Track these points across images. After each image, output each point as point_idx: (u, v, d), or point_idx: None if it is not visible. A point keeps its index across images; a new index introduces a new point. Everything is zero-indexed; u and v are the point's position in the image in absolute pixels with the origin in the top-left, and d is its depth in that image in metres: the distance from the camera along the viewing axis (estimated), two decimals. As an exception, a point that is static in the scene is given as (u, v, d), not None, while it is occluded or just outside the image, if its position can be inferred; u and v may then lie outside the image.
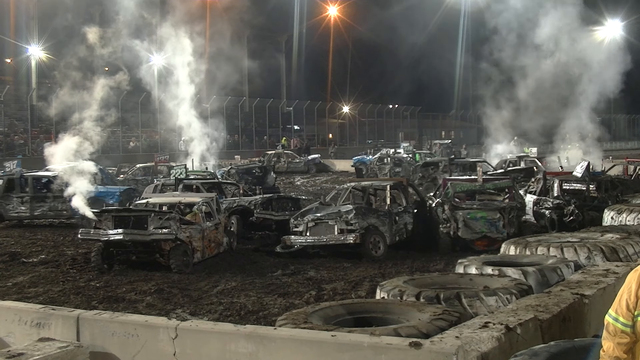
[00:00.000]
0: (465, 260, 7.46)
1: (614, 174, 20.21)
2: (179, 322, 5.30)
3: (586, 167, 16.20)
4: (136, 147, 43.11)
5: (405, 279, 6.76)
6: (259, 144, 50.51)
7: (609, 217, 11.81)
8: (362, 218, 12.88)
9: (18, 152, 37.80)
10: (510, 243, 8.46)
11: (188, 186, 17.40)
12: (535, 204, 15.33)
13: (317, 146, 51.53)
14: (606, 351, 3.46)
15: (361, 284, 10.53)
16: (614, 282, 6.18)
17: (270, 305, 9.39)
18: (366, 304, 6.06)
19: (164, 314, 8.29)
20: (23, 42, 44.09)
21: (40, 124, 42.12)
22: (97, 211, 12.48)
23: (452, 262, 9.39)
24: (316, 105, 54.58)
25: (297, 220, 13.22)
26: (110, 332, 5.39)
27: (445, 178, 16.44)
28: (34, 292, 10.42)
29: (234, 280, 11.09)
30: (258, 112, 52.11)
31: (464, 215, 13.19)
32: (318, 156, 39.45)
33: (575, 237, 8.68)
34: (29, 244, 15.07)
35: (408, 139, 51.85)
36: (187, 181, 18.31)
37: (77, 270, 12.09)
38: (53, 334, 5.54)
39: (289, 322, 5.28)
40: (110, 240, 11.71)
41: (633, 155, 35.25)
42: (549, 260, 7.20)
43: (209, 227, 12.83)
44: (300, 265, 12.19)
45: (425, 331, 4.89)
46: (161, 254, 11.90)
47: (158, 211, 12.40)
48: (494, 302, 5.74)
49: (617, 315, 3.44)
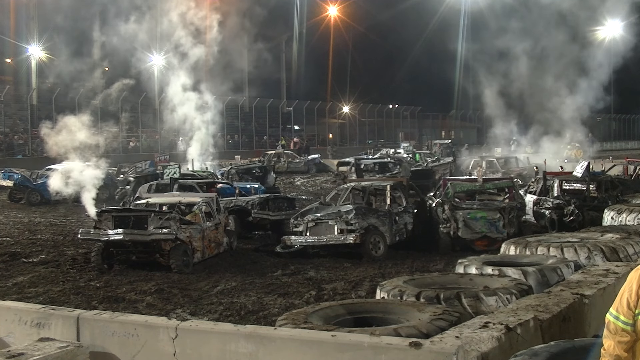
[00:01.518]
0: (465, 260, 7.46)
1: (614, 174, 20.19)
2: (179, 322, 5.30)
3: (586, 167, 16.20)
4: (136, 147, 43.09)
5: (405, 279, 6.76)
6: (259, 144, 50.49)
7: (609, 217, 11.80)
8: (362, 218, 12.88)
9: (18, 152, 37.80)
10: (510, 243, 8.46)
11: (183, 186, 17.46)
12: (535, 204, 15.33)
13: (317, 146, 51.53)
14: (607, 349, 3.49)
15: (361, 284, 10.54)
16: (614, 282, 6.18)
17: (270, 305, 9.39)
18: (366, 304, 6.06)
19: (164, 314, 8.29)
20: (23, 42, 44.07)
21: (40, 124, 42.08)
22: (97, 211, 12.48)
23: (452, 262, 9.39)
24: (316, 105, 54.56)
25: (297, 220, 13.22)
26: (110, 332, 5.39)
27: (445, 178, 16.45)
28: (34, 292, 10.42)
29: (234, 280, 11.10)
30: (258, 112, 52.09)
31: (464, 215, 13.19)
32: (318, 156, 39.42)
33: (575, 237, 8.67)
34: (29, 244, 15.06)
35: (408, 139, 51.88)
36: (182, 181, 18.38)
37: (77, 270, 12.09)
38: (53, 334, 5.54)
39: (289, 322, 5.27)
40: (110, 240, 11.71)
41: (633, 155, 35.23)
42: (549, 260, 7.19)
43: (209, 227, 12.83)
44: (300, 265, 12.19)
45: (425, 331, 4.88)
46: (161, 254, 11.90)
47: (158, 211, 12.40)
48: (494, 302, 5.74)
49: (618, 313, 3.46)
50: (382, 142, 52.33)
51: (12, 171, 23.56)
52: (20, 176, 22.94)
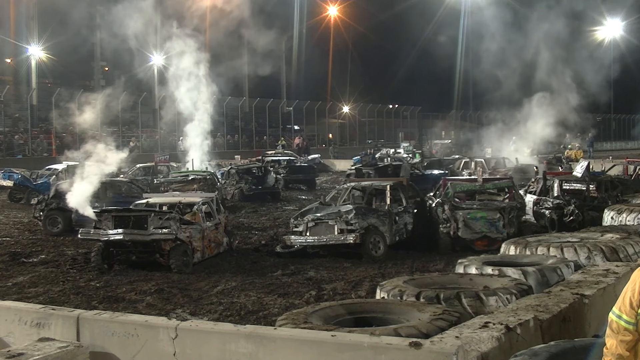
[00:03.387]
0: (465, 260, 7.46)
1: (614, 174, 20.19)
2: (179, 322, 5.30)
3: (586, 167, 16.19)
4: (136, 147, 43.07)
5: (405, 279, 6.75)
6: (259, 144, 50.45)
7: (609, 217, 11.79)
8: (362, 218, 12.88)
9: (18, 152, 37.79)
10: (510, 243, 8.45)
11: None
12: (535, 204, 15.33)
13: (317, 146, 51.50)
14: (609, 348, 3.50)
15: (361, 284, 10.53)
16: (614, 282, 6.18)
17: (270, 305, 9.39)
18: (366, 304, 6.06)
19: (164, 314, 8.29)
20: (23, 42, 44.06)
21: (40, 124, 42.11)
22: (97, 211, 12.48)
23: (452, 262, 9.39)
24: (316, 105, 54.51)
25: (297, 220, 13.21)
26: (110, 332, 5.39)
27: (445, 178, 16.44)
28: (34, 292, 10.43)
29: (234, 280, 11.09)
30: (258, 112, 52.06)
31: (464, 215, 13.18)
32: (318, 156, 39.42)
33: (575, 237, 8.67)
34: (29, 244, 15.06)
35: (408, 139, 51.84)
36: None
37: (77, 270, 12.09)
38: (53, 334, 5.54)
39: (289, 322, 5.27)
40: (110, 240, 11.71)
41: (633, 155, 35.22)
42: (549, 260, 7.19)
43: (209, 227, 12.83)
44: (300, 265, 12.19)
45: (425, 331, 4.88)
46: (161, 254, 11.89)
47: (158, 211, 12.40)
48: (494, 302, 5.74)
49: (620, 313, 3.48)
50: (382, 142, 52.30)
51: (12, 171, 23.54)
52: (20, 176, 22.93)
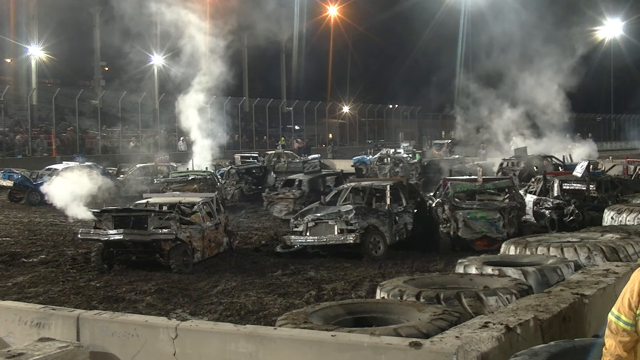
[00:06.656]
0: (465, 260, 7.45)
1: (614, 174, 20.18)
2: (179, 322, 5.30)
3: (586, 167, 16.18)
4: (136, 147, 43.08)
5: (405, 279, 6.75)
6: (259, 144, 50.45)
7: (609, 217, 11.79)
8: (362, 218, 12.88)
9: (18, 152, 37.79)
10: (510, 243, 8.45)
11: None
12: (535, 204, 15.33)
13: (317, 146, 51.50)
14: (608, 349, 3.51)
15: (361, 284, 10.54)
16: (614, 282, 6.18)
17: (270, 305, 9.39)
18: (366, 304, 6.05)
19: (164, 314, 8.29)
20: (23, 42, 44.07)
21: (40, 124, 42.12)
22: (97, 211, 12.48)
23: (452, 262, 9.39)
24: (316, 105, 54.52)
25: (297, 220, 13.21)
26: (110, 332, 5.39)
27: (445, 178, 16.43)
28: (34, 292, 10.43)
29: (234, 280, 11.10)
30: (258, 112, 52.08)
31: (464, 215, 13.18)
32: (318, 156, 39.40)
33: (575, 237, 8.66)
34: (29, 244, 15.06)
35: (408, 139, 51.79)
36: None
37: (77, 270, 12.10)
38: (53, 334, 5.54)
39: (289, 322, 5.27)
40: (110, 240, 11.71)
41: (633, 155, 35.23)
42: (549, 260, 7.18)
43: (209, 227, 12.84)
44: (300, 265, 12.19)
45: (425, 331, 4.88)
46: (161, 254, 11.90)
47: (158, 211, 12.40)
48: (494, 302, 5.73)
49: (619, 313, 3.49)
50: (382, 142, 52.28)
51: (12, 171, 23.55)
52: (20, 176, 22.93)
